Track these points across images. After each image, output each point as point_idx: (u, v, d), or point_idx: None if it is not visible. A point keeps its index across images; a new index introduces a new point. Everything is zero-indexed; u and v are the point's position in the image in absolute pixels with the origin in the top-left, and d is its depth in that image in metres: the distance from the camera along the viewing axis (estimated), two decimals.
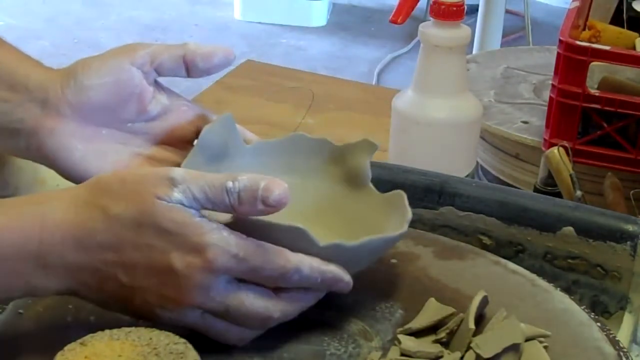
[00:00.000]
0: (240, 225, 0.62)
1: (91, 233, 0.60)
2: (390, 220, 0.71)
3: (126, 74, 0.70)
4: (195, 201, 0.60)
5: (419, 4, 1.91)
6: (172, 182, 0.59)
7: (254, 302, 0.62)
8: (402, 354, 0.64)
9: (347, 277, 0.65)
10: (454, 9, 0.97)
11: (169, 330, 0.62)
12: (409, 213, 0.70)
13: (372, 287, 0.72)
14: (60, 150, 0.70)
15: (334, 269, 0.64)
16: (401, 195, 0.72)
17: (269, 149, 0.76)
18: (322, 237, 0.64)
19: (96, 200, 0.60)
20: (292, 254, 0.62)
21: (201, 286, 0.60)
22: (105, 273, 0.61)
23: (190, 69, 0.72)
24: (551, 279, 0.76)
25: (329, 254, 0.65)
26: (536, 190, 1.01)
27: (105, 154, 0.71)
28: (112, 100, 0.70)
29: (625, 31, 1.20)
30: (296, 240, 0.63)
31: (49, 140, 0.70)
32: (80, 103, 0.70)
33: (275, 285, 0.62)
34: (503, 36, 2.65)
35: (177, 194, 0.59)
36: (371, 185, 0.75)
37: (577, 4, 1.16)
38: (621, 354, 0.65)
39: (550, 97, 1.07)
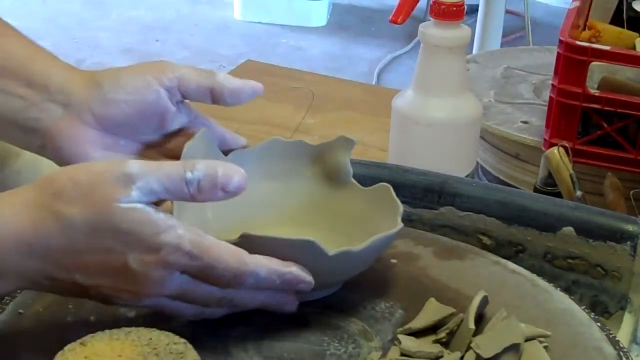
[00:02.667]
0: (247, 242, 0.62)
1: (46, 239, 0.59)
2: (380, 213, 0.72)
3: (153, 94, 0.70)
4: (153, 194, 0.59)
5: (419, 4, 1.90)
6: (130, 179, 0.58)
7: (207, 287, 0.62)
8: (402, 354, 0.64)
9: (308, 278, 0.64)
10: (454, 9, 0.97)
11: (169, 330, 0.62)
12: (400, 207, 0.70)
13: (372, 287, 0.72)
14: (77, 156, 0.70)
15: (294, 270, 0.63)
16: (387, 188, 0.72)
17: (248, 156, 0.75)
18: (318, 240, 0.64)
19: (49, 204, 0.59)
20: (250, 256, 0.62)
21: (156, 280, 0.61)
22: (60, 276, 0.61)
23: (216, 100, 0.71)
24: (551, 279, 0.76)
25: (338, 261, 0.65)
26: (536, 190, 1.00)
27: None
28: (135, 116, 0.70)
29: (625, 31, 1.20)
30: (305, 252, 0.63)
31: (66, 145, 0.70)
32: (104, 115, 0.70)
33: (229, 286, 0.62)
34: (503, 36, 2.65)
35: (134, 193, 0.59)
36: (354, 181, 0.75)
37: (577, 4, 1.16)
38: (621, 354, 0.65)
39: (550, 97, 1.07)
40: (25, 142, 0.72)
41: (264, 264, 0.62)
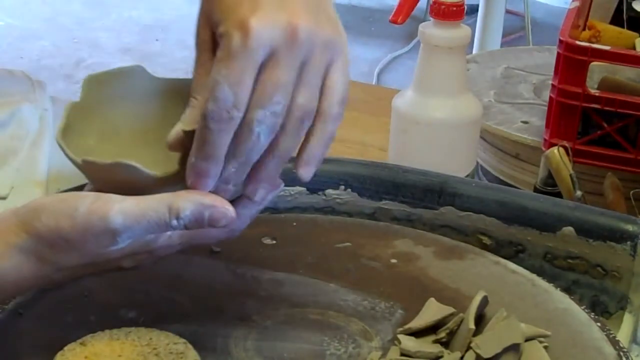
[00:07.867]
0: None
1: (49, 280, 0.62)
2: None
3: None
4: (140, 237, 0.60)
5: (419, 4, 1.91)
6: (115, 234, 0.59)
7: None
8: (402, 354, 0.64)
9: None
10: (454, 9, 0.97)
11: (169, 330, 0.62)
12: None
13: (372, 287, 0.72)
14: None
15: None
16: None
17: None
18: None
19: (46, 257, 0.60)
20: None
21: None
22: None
23: None
24: (551, 279, 0.76)
25: None
26: (536, 190, 1.00)
27: None
28: None
29: (625, 31, 1.20)
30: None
31: None
32: None
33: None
34: (503, 36, 2.65)
35: (121, 243, 0.60)
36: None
37: (577, 4, 1.16)
38: (621, 354, 0.65)
39: (550, 97, 1.07)
40: None
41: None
